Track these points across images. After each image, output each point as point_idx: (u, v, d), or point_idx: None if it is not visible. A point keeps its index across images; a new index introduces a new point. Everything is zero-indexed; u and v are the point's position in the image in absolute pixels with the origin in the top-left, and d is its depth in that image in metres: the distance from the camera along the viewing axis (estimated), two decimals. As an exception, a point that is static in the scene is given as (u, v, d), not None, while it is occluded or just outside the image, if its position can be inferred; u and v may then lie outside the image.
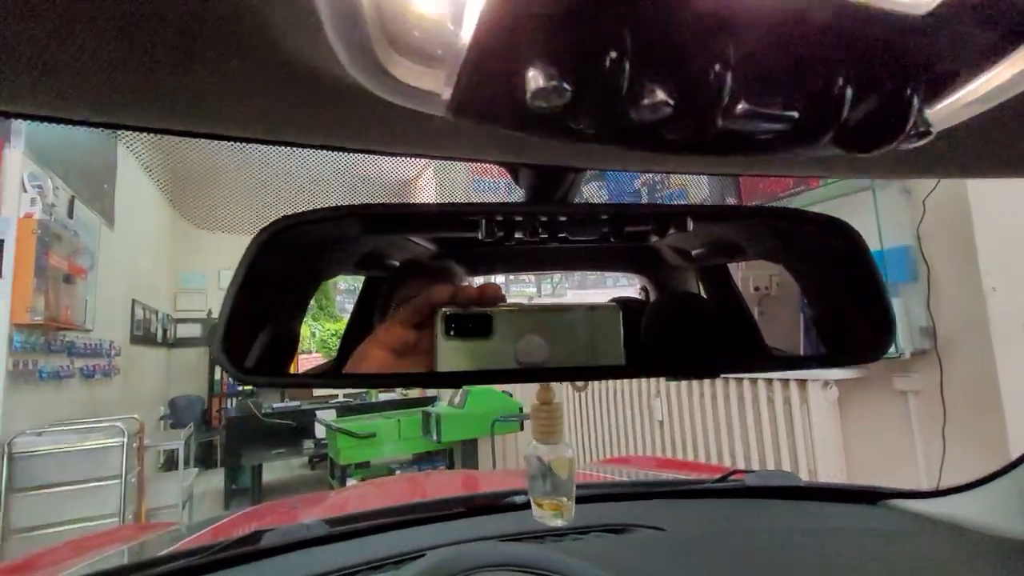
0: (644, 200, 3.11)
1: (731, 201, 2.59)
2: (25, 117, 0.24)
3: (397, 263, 0.66)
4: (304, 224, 0.31)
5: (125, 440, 2.73)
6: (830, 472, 2.09)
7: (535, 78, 0.14)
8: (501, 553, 0.64)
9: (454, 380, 0.38)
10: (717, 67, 0.15)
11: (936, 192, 1.85)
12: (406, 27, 0.14)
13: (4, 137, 2.53)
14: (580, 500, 0.86)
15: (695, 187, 2.82)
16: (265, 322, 0.39)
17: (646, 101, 0.15)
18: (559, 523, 0.37)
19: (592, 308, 0.36)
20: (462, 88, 0.16)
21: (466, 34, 0.14)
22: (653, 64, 0.15)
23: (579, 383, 0.37)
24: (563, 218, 0.37)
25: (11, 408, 2.49)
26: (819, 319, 0.56)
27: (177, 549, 0.83)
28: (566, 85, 0.14)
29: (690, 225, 0.38)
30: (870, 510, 0.85)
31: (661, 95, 0.15)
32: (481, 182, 4.60)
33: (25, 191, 2.60)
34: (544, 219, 0.38)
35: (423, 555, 0.69)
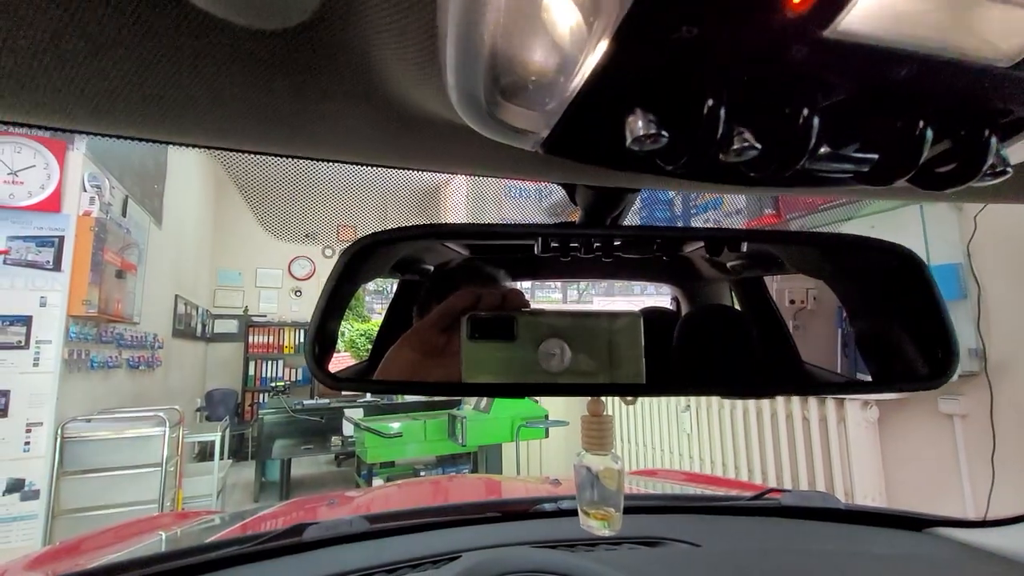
0: (676, 205, 3.08)
1: (769, 212, 2.54)
2: (171, 143, 0.27)
3: (431, 267, 0.68)
4: (387, 241, 0.34)
5: (166, 430, 2.85)
6: (868, 496, 2.02)
7: (635, 124, 0.16)
8: (536, 559, 0.65)
9: (481, 390, 0.40)
10: (805, 112, 0.16)
11: (988, 209, 1.77)
12: (518, 75, 0.16)
13: (68, 139, 2.69)
14: (613, 511, 0.86)
15: (730, 198, 2.78)
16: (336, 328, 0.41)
17: (736, 145, 0.16)
18: (606, 533, 0.38)
19: (614, 315, 0.37)
20: (560, 130, 0.18)
21: (575, 83, 0.15)
22: (746, 111, 0.16)
23: (629, 397, 0.38)
24: (617, 241, 0.38)
25: (64, 395, 2.63)
26: (865, 340, 0.55)
27: (222, 537, 0.87)
28: (664, 132, 0.16)
29: (744, 248, 0.39)
30: (915, 537, 0.82)
31: (750, 139, 0.16)
32: (512, 187, 4.63)
33: (85, 190, 2.76)
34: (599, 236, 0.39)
35: (459, 556, 0.71)
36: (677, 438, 2.94)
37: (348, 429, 4.31)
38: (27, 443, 2.49)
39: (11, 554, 1.17)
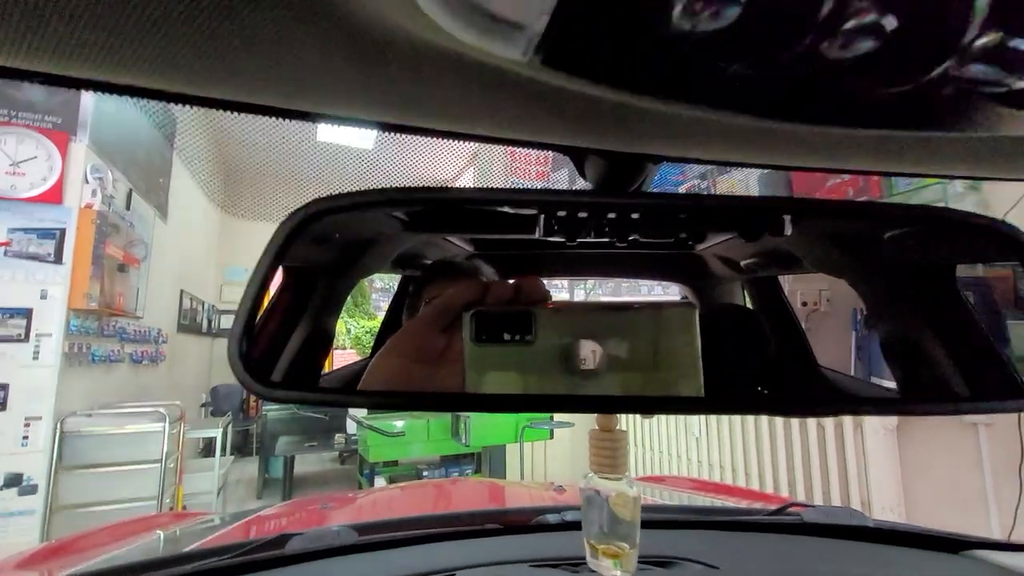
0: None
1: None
2: (104, 89, 0.21)
3: (431, 260, 0.63)
4: (337, 210, 0.27)
5: (166, 426, 2.82)
6: (885, 507, 1.94)
7: None
8: (536, 581, 0.59)
9: (488, 403, 0.32)
10: None
11: (1020, 206, 1.69)
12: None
13: (70, 131, 2.66)
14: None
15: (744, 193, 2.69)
16: (295, 324, 0.35)
17: (852, 23, 0.10)
18: (617, 574, 0.32)
19: (659, 307, 0.30)
20: (562, 17, 0.12)
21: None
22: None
23: (681, 413, 0.31)
24: (635, 215, 0.32)
25: (64, 389, 2.60)
26: (895, 345, 0.50)
27: (204, 546, 0.82)
28: (736, -5, 0.09)
29: (788, 229, 0.32)
30: (951, 561, 0.75)
31: (875, 16, 0.10)
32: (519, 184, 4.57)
33: (87, 183, 2.73)
34: (612, 216, 0.32)
35: (453, 575, 0.65)
36: (685, 442, 2.86)
37: (352, 427, 4.28)
38: (25, 437, 2.46)
39: (8, 549, 1.14)
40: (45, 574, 1.02)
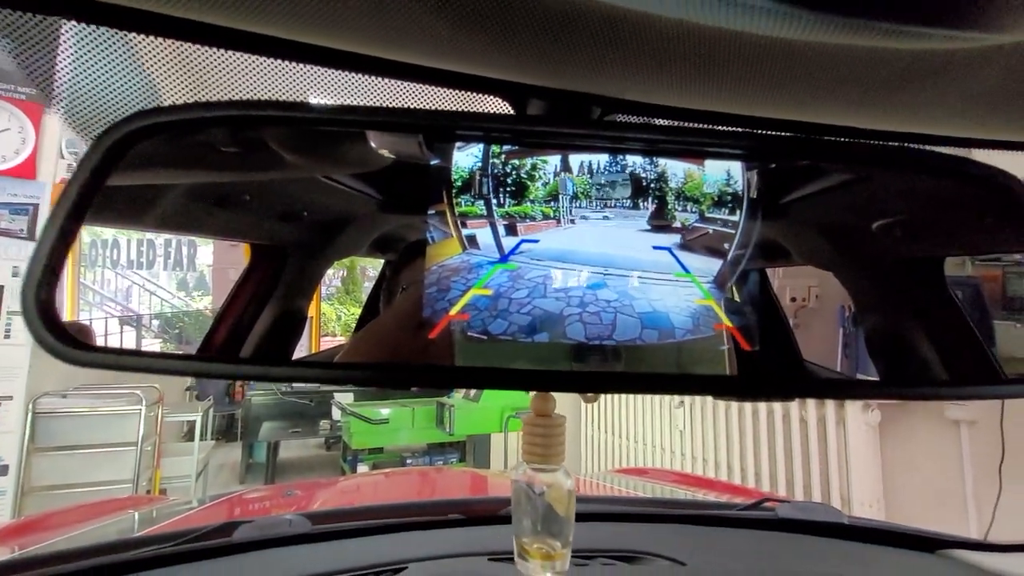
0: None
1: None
2: None
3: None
4: (171, 127, 0.22)
5: (143, 408, 2.76)
6: (865, 503, 1.93)
7: None
8: (490, 576, 0.56)
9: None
10: None
11: None
12: None
13: (44, 103, 2.57)
14: (588, 518, 0.76)
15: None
16: (262, 305, 0.31)
17: None
18: (548, 577, 0.28)
19: None
20: None
21: None
22: None
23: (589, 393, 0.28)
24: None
25: (37, 368, 2.54)
26: (882, 339, 0.49)
27: (150, 533, 0.78)
28: None
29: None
30: (926, 560, 0.73)
31: None
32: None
33: (62, 157, 2.64)
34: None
35: (406, 568, 0.62)
36: (670, 435, 2.85)
37: (337, 413, 4.24)
38: (-5, 417, 2.40)
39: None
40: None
